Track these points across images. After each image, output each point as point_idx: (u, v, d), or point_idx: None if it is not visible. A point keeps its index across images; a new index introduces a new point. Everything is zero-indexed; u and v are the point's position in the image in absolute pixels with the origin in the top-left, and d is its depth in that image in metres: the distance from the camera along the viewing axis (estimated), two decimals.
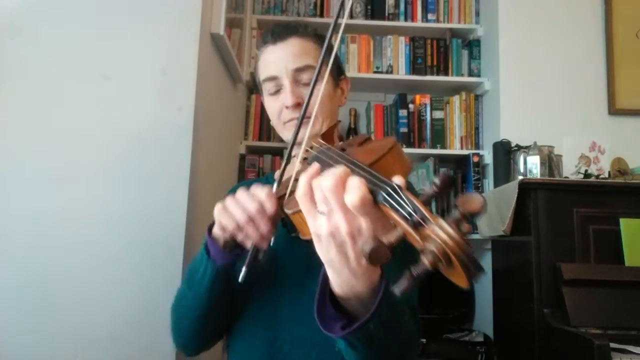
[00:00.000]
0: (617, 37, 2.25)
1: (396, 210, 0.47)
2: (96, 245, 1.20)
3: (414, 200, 0.47)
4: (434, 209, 2.29)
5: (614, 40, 2.25)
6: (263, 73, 0.96)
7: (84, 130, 1.23)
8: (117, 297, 1.19)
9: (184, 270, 1.23)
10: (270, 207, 0.72)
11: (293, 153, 0.79)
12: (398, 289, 0.43)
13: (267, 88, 0.96)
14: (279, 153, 2.37)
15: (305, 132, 0.76)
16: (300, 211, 0.57)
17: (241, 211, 0.73)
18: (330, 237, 0.52)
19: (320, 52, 0.96)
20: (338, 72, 1.02)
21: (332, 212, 0.51)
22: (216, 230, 0.78)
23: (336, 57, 1.02)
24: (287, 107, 0.93)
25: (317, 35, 0.98)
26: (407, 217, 0.46)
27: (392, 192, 0.49)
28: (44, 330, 1.15)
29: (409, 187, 0.51)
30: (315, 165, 0.56)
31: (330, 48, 0.74)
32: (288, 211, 0.64)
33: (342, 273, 0.54)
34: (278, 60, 0.93)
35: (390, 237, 0.45)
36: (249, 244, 0.75)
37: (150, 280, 1.20)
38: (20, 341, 1.14)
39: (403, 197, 0.48)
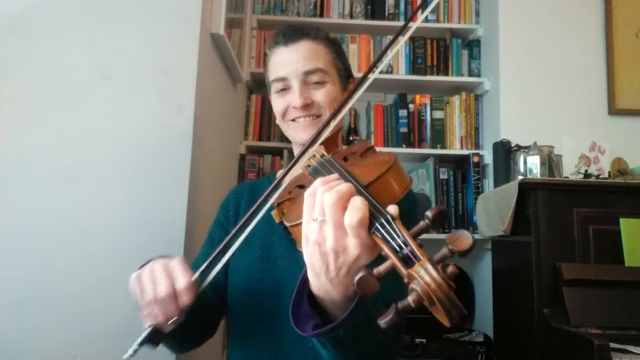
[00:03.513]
0: (617, 37, 2.25)
1: (387, 242, 0.49)
2: (96, 245, 1.19)
3: (404, 234, 0.48)
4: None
5: (614, 40, 2.25)
6: (273, 73, 0.97)
7: (84, 130, 1.23)
8: (117, 297, 1.18)
9: None
10: (185, 299, 0.67)
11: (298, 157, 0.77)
12: (384, 320, 0.44)
13: (275, 87, 0.97)
14: (279, 153, 2.37)
15: (315, 134, 0.74)
16: (299, 224, 0.58)
17: (151, 289, 0.67)
18: (316, 245, 0.54)
19: (331, 56, 0.97)
20: (347, 74, 1.03)
21: (324, 223, 0.53)
22: None
23: (346, 59, 1.03)
24: (294, 107, 0.94)
25: (329, 39, 1.00)
26: (397, 249, 0.48)
27: (385, 222, 0.50)
28: (43, 330, 1.15)
29: (403, 214, 0.51)
30: (335, 175, 0.57)
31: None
32: (287, 223, 0.65)
33: (320, 278, 0.56)
34: (289, 62, 0.94)
35: (379, 269, 0.47)
36: (148, 322, 0.69)
37: None
38: (20, 341, 1.14)
39: (395, 228, 0.49)
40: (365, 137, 2.50)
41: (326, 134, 0.72)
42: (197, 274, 0.69)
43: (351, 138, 2.41)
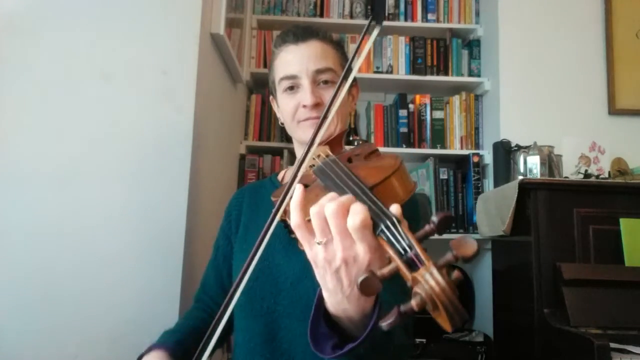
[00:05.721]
0: (617, 37, 2.25)
1: (392, 245, 0.49)
2: (96, 245, 1.20)
3: (409, 237, 0.48)
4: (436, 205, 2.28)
5: (614, 41, 2.25)
6: (281, 71, 0.96)
7: (84, 130, 1.23)
8: (117, 296, 1.19)
9: (184, 270, 1.23)
10: None
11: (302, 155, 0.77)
12: (385, 323, 0.44)
13: (283, 86, 0.96)
14: (279, 153, 2.37)
15: (319, 134, 0.74)
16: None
17: None
18: (326, 264, 0.54)
19: (339, 58, 0.97)
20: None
21: (330, 240, 0.53)
22: None
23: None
24: (304, 106, 0.93)
25: (335, 41, 1.00)
26: (402, 252, 0.48)
27: (390, 225, 0.50)
28: (44, 330, 1.15)
29: (407, 212, 0.51)
30: (300, 189, 0.57)
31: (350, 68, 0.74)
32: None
33: (335, 296, 0.56)
34: (299, 59, 0.93)
35: (383, 271, 0.47)
36: None
37: (150, 280, 1.20)
38: (21, 341, 1.14)
39: (400, 231, 0.49)
40: (365, 138, 2.50)
41: (324, 128, 0.72)
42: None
43: (351, 138, 2.41)
